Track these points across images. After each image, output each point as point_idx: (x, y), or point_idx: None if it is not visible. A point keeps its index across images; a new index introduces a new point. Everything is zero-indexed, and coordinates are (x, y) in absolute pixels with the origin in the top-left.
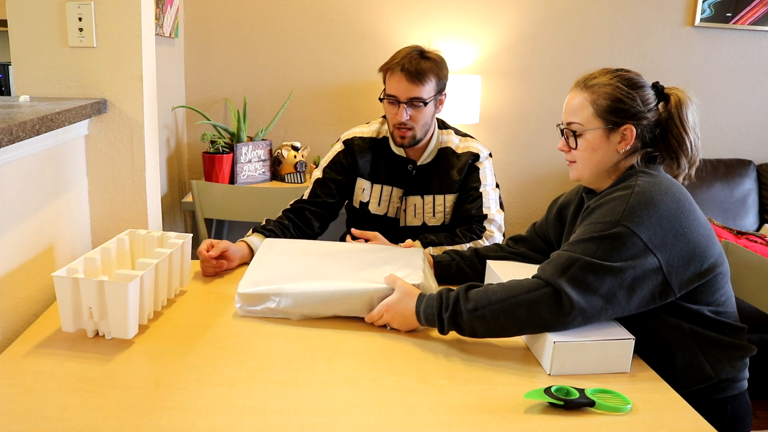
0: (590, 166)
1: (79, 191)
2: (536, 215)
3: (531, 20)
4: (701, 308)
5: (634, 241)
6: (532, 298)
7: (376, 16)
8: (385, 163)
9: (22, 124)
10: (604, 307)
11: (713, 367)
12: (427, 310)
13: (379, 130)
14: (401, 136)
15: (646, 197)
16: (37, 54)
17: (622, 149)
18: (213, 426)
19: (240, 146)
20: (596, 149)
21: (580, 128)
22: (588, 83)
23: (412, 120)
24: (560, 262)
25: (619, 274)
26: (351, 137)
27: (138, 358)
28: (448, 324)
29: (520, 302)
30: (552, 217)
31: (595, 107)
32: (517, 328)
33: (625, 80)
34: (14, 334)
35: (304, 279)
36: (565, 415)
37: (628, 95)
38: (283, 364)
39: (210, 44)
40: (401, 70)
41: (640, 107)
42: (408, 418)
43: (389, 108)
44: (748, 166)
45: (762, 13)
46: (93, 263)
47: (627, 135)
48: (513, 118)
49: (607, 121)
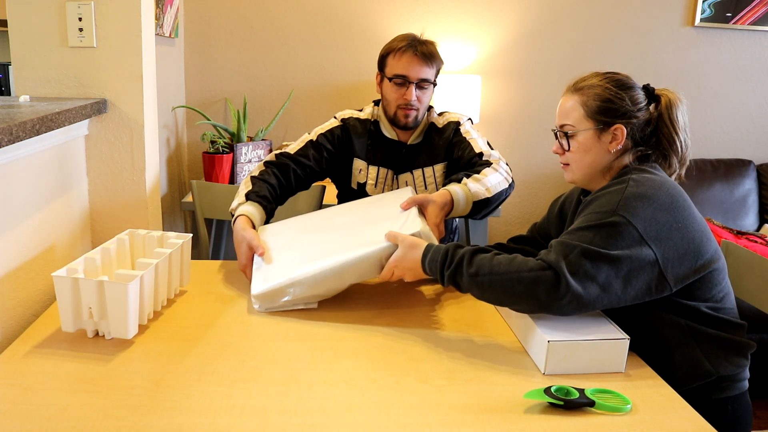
0: (583, 167)
1: (79, 191)
2: (536, 215)
3: (531, 20)
4: (698, 305)
5: (629, 231)
6: (532, 277)
7: (376, 17)
8: (381, 145)
9: (22, 124)
10: (600, 296)
11: (712, 364)
12: (431, 262)
13: (372, 113)
14: (405, 115)
15: (641, 190)
16: (37, 54)
17: (613, 149)
18: (213, 426)
19: (240, 146)
20: (588, 150)
21: (572, 129)
22: (578, 86)
23: (418, 101)
24: (559, 249)
25: (615, 262)
26: (348, 117)
27: (138, 358)
28: (448, 280)
29: (520, 279)
30: (553, 216)
31: (585, 108)
32: (511, 302)
33: (614, 81)
34: (14, 334)
35: (310, 261)
36: (565, 415)
37: (617, 95)
38: (283, 364)
39: (210, 44)
40: (414, 52)
41: (629, 106)
42: (408, 418)
43: (394, 89)
44: (748, 166)
45: (762, 13)
46: (93, 263)
47: (618, 134)
48: (513, 118)
49: (597, 122)
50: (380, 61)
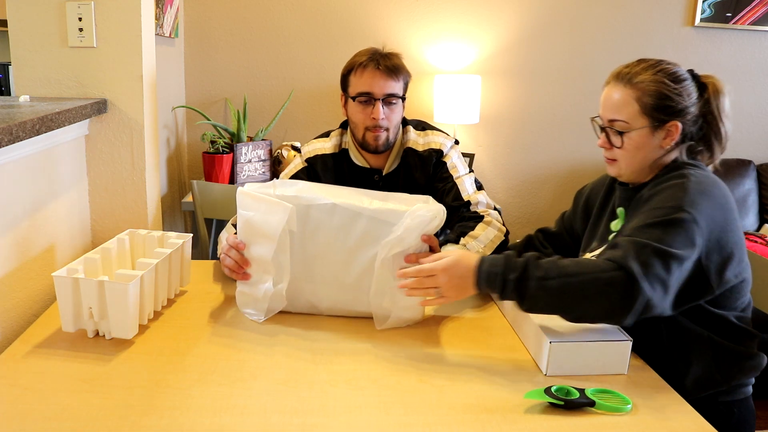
0: (634, 163)
1: (79, 191)
2: (536, 215)
3: (531, 20)
4: (728, 314)
5: (694, 228)
6: (606, 279)
7: (376, 17)
8: (351, 177)
9: (22, 124)
10: (662, 299)
11: (723, 376)
12: (491, 269)
13: (339, 143)
14: (375, 137)
15: (702, 187)
16: (37, 54)
17: (667, 145)
18: (213, 426)
19: (240, 146)
20: (641, 147)
21: (625, 127)
22: (630, 78)
23: (387, 119)
24: (629, 248)
25: (682, 262)
26: (313, 155)
27: (138, 358)
28: (513, 288)
29: (593, 280)
30: (579, 209)
31: (640, 104)
32: (580, 308)
33: (669, 75)
34: (14, 334)
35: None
36: (565, 415)
37: (675, 91)
38: (283, 364)
39: (210, 44)
40: (376, 66)
41: (685, 102)
42: (408, 418)
43: (361, 109)
44: (748, 166)
45: (762, 13)
46: (93, 263)
47: (672, 131)
48: (513, 118)
49: (653, 119)
50: (342, 81)
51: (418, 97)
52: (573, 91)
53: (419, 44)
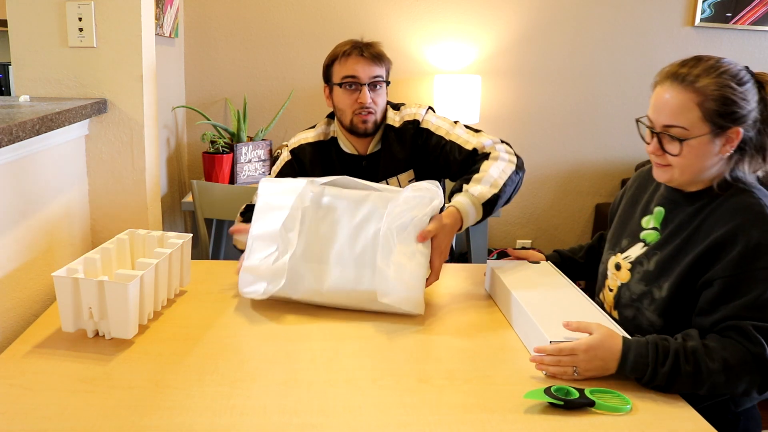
0: (691, 172)
1: (79, 191)
2: (536, 215)
3: (531, 20)
4: None
5: None
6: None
7: (376, 16)
8: (340, 164)
9: (22, 124)
10: None
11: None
12: (638, 360)
13: (326, 132)
14: (363, 121)
15: None
16: (37, 54)
17: (725, 153)
18: (213, 426)
19: (240, 146)
20: (700, 156)
21: (684, 134)
22: (690, 80)
23: (374, 102)
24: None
25: None
26: (297, 146)
27: (138, 358)
28: (662, 379)
29: (738, 375)
30: (612, 224)
31: (702, 110)
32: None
33: (732, 77)
34: (14, 334)
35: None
36: (565, 415)
37: (741, 96)
38: (283, 364)
39: (210, 44)
40: (360, 54)
41: (749, 106)
42: (408, 418)
43: (347, 94)
44: None
45: (762, 13)
46: (93, 263)
47: (733, 137)
48: (513, 118)
49: (715, 125)
50: (325, 72)
51: (418, 97)
52: (573, 91)
53: (419, 44)
